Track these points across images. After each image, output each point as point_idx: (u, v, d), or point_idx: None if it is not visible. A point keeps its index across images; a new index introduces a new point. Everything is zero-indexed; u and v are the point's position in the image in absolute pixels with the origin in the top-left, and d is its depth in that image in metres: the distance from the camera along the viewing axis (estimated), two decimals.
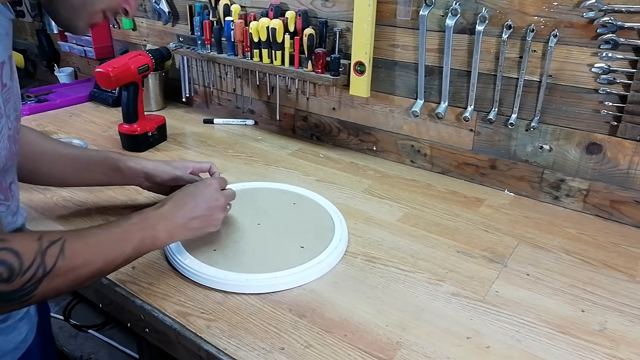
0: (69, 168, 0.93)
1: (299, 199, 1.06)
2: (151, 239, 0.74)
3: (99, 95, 1.75)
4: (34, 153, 0.89)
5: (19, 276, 0.56)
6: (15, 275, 0.55)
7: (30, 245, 0.58)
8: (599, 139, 1.02)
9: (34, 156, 0.89)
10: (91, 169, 0.94)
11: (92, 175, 0.94)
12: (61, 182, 0.99)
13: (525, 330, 0.74)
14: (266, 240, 0.91)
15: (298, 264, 0.84)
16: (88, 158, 0.96)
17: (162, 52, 1.47)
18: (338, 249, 0.89)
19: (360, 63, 1.23)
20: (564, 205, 1.10)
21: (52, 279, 0.59)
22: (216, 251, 0.87)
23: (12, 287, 0.55)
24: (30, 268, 0.56)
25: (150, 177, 0.96)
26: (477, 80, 1.11)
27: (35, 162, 0.90)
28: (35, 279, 0.57)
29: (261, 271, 0.82)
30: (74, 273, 0.62)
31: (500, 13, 1.04)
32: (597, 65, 0.97)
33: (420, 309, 0.77)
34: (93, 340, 1.58)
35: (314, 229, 0.95)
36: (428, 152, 1.26)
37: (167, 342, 0.76)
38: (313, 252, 0.87)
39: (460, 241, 0.96)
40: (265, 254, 0.87)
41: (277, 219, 0.99)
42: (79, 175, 0.94)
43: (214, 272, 0.82)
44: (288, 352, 0.69)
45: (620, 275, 0.87)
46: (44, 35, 2.11)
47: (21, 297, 0.57)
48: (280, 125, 1.52)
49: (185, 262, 0.84)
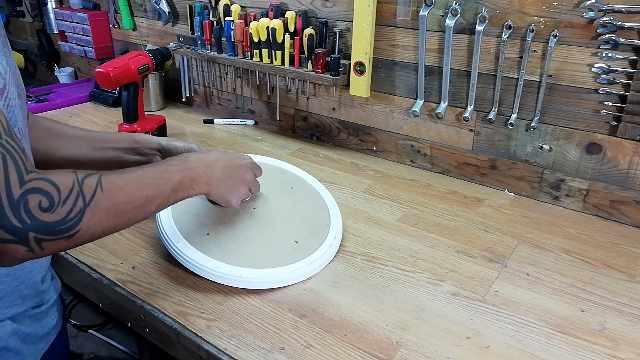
0: (83, 148, 0.93)
1: (297, 183, 1.05)
2: (190, 180, 0.74)
3: (99, 95, 1.75)
4: (49, 137, 0.91)
5: (60, 205, 0.55)
6: (55, 204, 0.54)
7: (66, 175, 0.57)
8: (598, 139, 1.02)
9: (49, 139, 0.90)
10: (105, 146, 0.94)
11: (106, 152, 0.94)
12: (75, 163, 0.99)
13: (525, 330, 0.74)
14: (261, 230, 0.90)
15: (292, 262, 0.83)
16: (102, 136, 0.96)
17: (162, 52, 1.47)
18: (332, 247, 0.89)
19: (360, 63, 1.23)
20: (563, 205, 1.10)
21: (94, 210, 0.58)
22: (209, 235, 0.86)
23: (56, 218, 0.54)
24: (69, 197, 0.56)
25: (166, 151, 0.95)
26: (477, 81, 1.11)
27: (50, 145, 0.91)
28: (77, 209, 0.56)
29: (254, 266, 0.81)
30: (116, 207, 0.61)
31: (500, 13, 1.04)
32: (597, 65, 0.97)
33: (420, 309, 0.77)
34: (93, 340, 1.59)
35: (310, 222, 0.94)
36: (428, 152, 1.26)
37: (167, 342, 0.77)
38: (307, 249, 0.87)
39: (460, 241, 0.96)
40: (258, 246, 0.86)
41: (274, 204, 0.96)
42: (93, 154, 0.94)
43: (208, 262, 0.81)
44: (288, 352, 0.69)
45: (620, 275, 0.87)
46: (44, 35, 2.12)
47: (68, 230, 0.56)
48: (280, 125, 1.53)
49: (178, 246, 0.82)
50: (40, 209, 0.53)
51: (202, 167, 0.77)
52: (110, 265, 0.86)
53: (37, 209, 0.53)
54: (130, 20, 1.78)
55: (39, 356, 0.76)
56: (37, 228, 0.53)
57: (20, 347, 0.72)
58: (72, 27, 1.91)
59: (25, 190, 0.52)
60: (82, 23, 1.85)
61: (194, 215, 0.89)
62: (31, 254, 0.54)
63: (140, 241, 0.93)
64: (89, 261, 0.87)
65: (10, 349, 0.70)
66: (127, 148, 0.94)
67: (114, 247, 0.91)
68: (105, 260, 0.88)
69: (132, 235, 0.95)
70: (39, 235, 0.54)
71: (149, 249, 0.91)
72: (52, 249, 0.56)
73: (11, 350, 0.71)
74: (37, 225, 0.53)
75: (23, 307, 0.72)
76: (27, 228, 0.52)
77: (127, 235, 0.95)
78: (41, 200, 0.53)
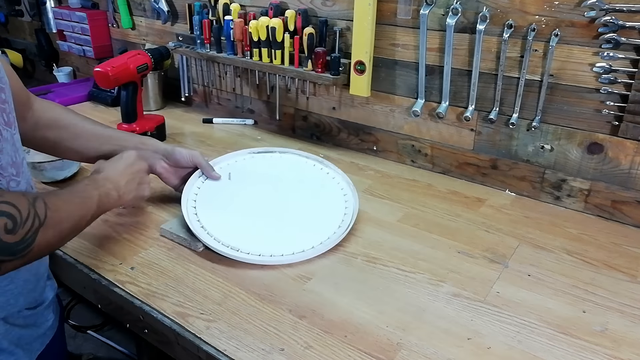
0: (92, 144, 0.96)
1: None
2: (105, 196, 0.79)
3: (98, 95, 1.75)
4: (59, 125, 0.94)
5: (21, 227, 0.58)
6: (18, 226, 0.57)
7: (21, 198, 0.60)
8: (600, 138, 1.01)
9: (59, 127, 0.94)
10: (113, 142, 0.97)
11: (113, 149, 0.96)
12: (80, 157, 1.01)
13: (526, 331, 0.73)
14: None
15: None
16: (110, 133, 1.00)
17: (161, 51, 1.46)
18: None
19: (360, 62, 1.23)
20: (565, 206, 1.10)
21: (46, 230, 0.62)
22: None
23: (16, 239, 0.57)
24: (28, 219, 0.59)
25: (170, 155, 1.00)
26: (478, 80, 1.10)
27: (60, 133, 0.94)
28: (33, 230, 0.59)
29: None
30: (60, 225, 0.66)
31: (501, 12, 1.04)
32: (598, 65, 0.96)
33: (421, 310, 0.77)
34: (92, 341, 1.58)
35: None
36: (429, 152, 1.26)
37: (166, 343, 0.76)
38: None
39: (461, 241, 0.95)
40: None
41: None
42: (101, 148, 0.96)
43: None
44: (288, 353, 0.68)
45: (622, 276, 0.87)
46: (43, 34, 2.11)
47: (23, 250, 0.59)
48: (280, 124, 1.52)
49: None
50: (5, 231, 0.56)
51: (110, 182, 0.83)
52: (109, 266, 0.86)
53: (2, 231, 0.55)
54: (129, 20, 1.78)
55: (34, 357, 0.76)
56: (1, 251, 0.56)
57: (14, 348, 0.71)
58: (70, 26, 1.91)
59: None
60: (81, 22, 1.85)
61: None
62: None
63: (139, 242, 0.93)
64: (88, 262, 0.87)
65: (3, 350, 0.70)
66: (134, 147, 0.96)
67: (112, 248, 0.91)
68: (104, 260, 0.87)
69: (131, 236, 0.95)
70: (1, 257, 0.56)
71: (147, 250, 0.91)
72: (8, 268, 0.59)
73: (4, 352, 0.70)
74: (1, 247, 0.56)
75: (16, 308, 0.72)
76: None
77: (126, 236, 0.94)
78: (6, 223, 0.56)
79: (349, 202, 0.99)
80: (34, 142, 0.92)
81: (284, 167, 1.12)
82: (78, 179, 1.15)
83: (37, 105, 0.92)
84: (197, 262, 0.87)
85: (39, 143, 0.93)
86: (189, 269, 0.85)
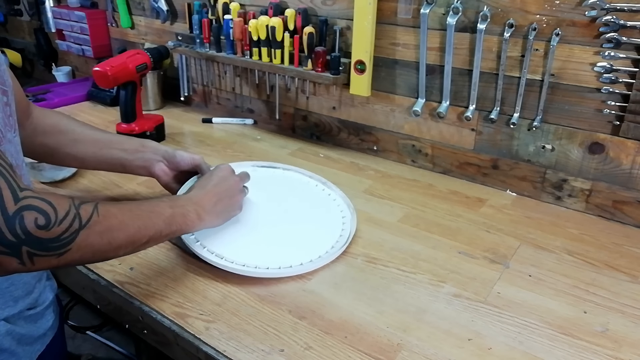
0: (91, 148, 0.95)
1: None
2: (181, 216, 0.77)
3: (97, 95, 1.74)
4: (58, 130, 0.93)
5: (56, 225, 0.57)
6: (52, 223, 0.56)
7: (63, 199, 0.59)
8: (601, 138, 1.01)
9: (58, 133, 0.93)
10: (112, 147, 0.96)
11: (112, 152, 0.95)
12: (80, 163, 1.00)
13: (527, 332, 0.73)
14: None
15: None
16: (110, 137, 0.98)
17: (160, 50, 1.46)
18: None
19: (360, 62, 1.22)
20: (566, 206, 1.09)
21: (89, 233, 0.60)
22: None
23: (50, 235, 0.56)
24: (66, 218, 0.58)
25: (171, 158, 0.97)
26: (479, 79, 1.10)
27: (59, 139, 0.93)
28: (72, 230, 0.58)
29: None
30: (109, 233, 0.63)
31: (502, 11, 1.03)
32: (599, 64, 0.96)
33: (422, 311, 0.77)
34: (91, 342, 1.58)
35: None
36: (429, 151, 1.25)
37: (165, 344, 0.76)
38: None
39: (462, 242, 0.95)
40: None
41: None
42: (99, 153, 0.95)
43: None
44: (288, 353, 0.68)
45: (623, 276, 0.86)
46: (42, 34, 2.10)
47: (59, 248, 0.58)
48: (279, 124, 1.52)
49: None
50: (36, 226, 0.55)
51: (191, 205, 0.80)
52: (108, 267, 0.85)
53: (32, 225, 0.55)
54: (129, 19, 1.77)
55: (34, 357, 0.76)
56: (30, 243, 0.55)
57: (15, 348, 0.72)
58: (69, 25, 1.90)
59: (20, 207, 0.54)
60: (80, 21, 1.84)
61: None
62: (22, 266, 0.56)
63: None
64: None
65: (5, 349, 0.70)
66: (134, 149, 0.96)
67: None
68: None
69: None
70: (31, 250, 0.55)
71: (147, 250, 0.90)
72: (43, 264, 0.58)
73: (6, 351, 0.70)
74: (31, 240, 0.55)
75: (16, 309, 0.72)
76: (21, 243, 0.54)
77: None
78: (37, 218, 0.55)
79: (346, 225, 0.96)
80: (33, 149, 0.91)
81: (285, 184, 1.10)
82: (77, 179, 1.15)
83: (36, 112, 0.91)
84: (197, 262, 0.87)
85: (38, 150, 0.92)
86: (189, 270, 0.85)
